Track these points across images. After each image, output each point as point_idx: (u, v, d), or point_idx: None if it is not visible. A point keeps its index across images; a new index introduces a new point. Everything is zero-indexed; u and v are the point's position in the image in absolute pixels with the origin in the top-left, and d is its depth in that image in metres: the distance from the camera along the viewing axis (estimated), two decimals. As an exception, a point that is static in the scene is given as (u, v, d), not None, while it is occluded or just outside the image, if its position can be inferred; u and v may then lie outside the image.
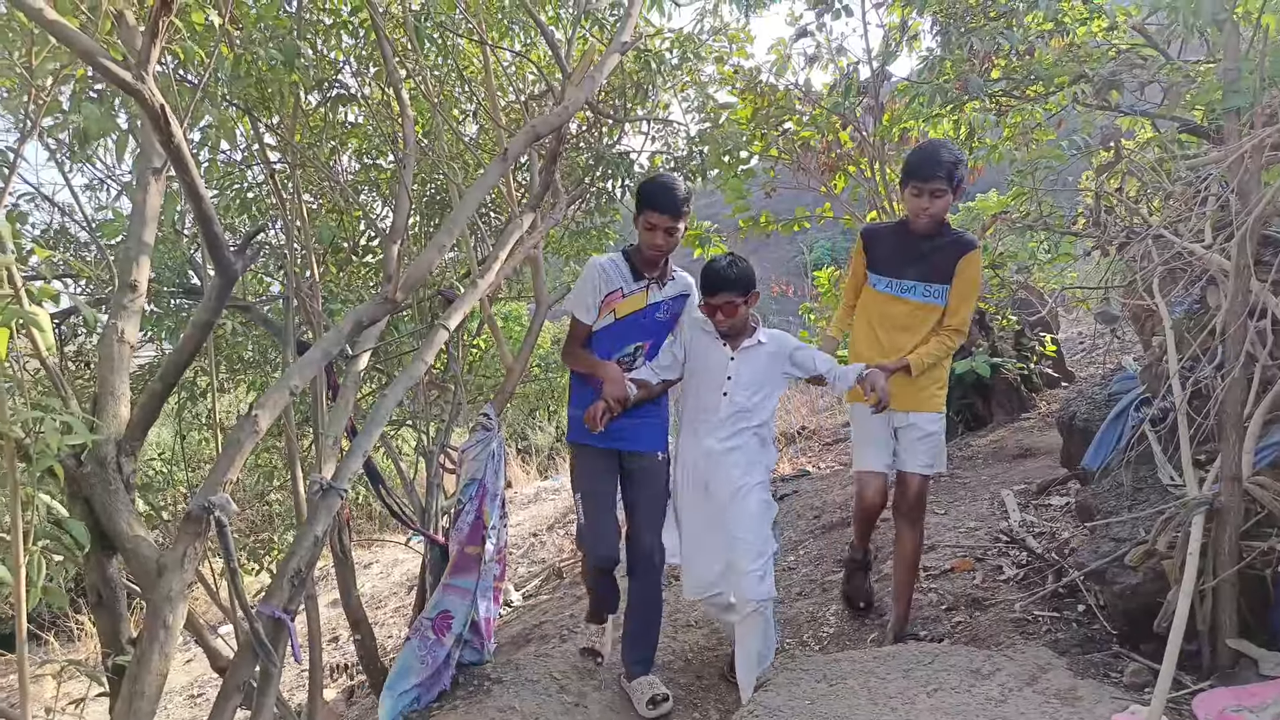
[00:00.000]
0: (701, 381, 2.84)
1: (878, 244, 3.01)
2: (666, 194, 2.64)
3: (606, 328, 2.79)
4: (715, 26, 4.96)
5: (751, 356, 2.78)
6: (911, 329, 2.91)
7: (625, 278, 2.77)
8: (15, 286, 1.68)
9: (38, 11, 1.34)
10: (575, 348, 2.83)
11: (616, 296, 2.77)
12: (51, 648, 6.11)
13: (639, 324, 2.80)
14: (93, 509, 1.80)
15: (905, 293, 2.92)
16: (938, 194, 2.73)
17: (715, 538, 2.77)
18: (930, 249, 2.86)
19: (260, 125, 3.08)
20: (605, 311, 2.78)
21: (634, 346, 2.82)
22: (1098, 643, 2.53)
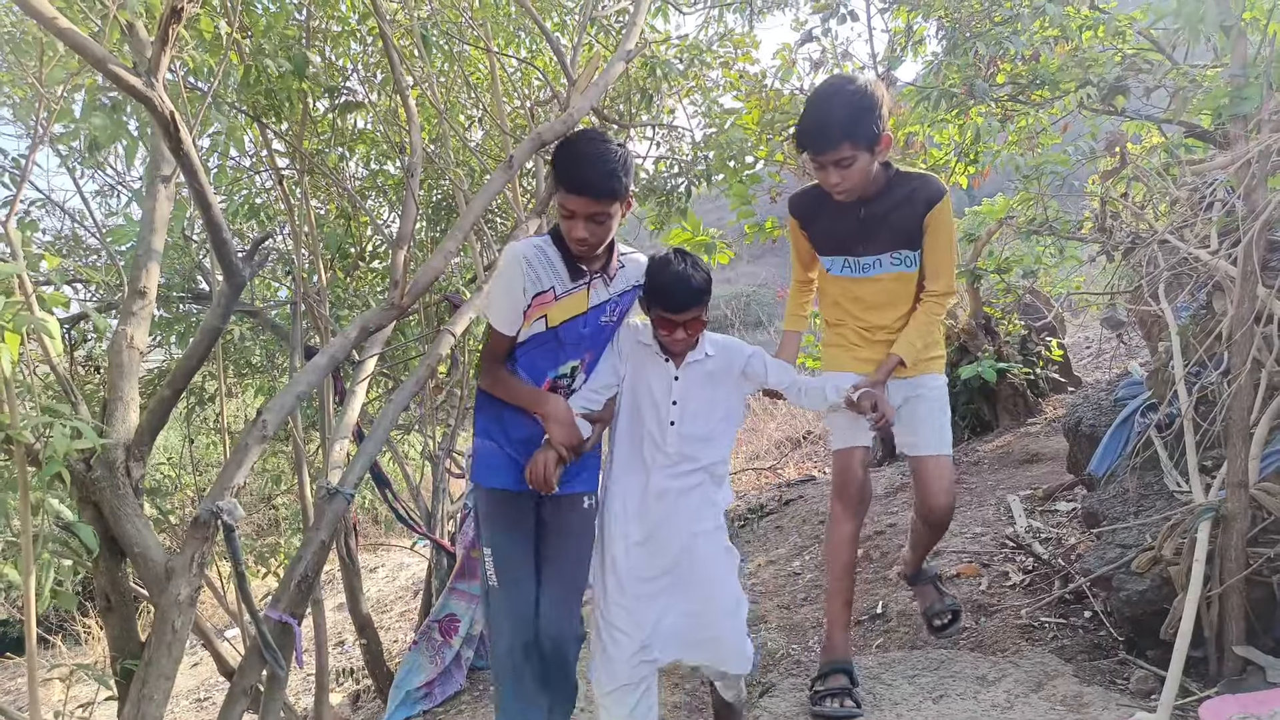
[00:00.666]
0: (642, 406, 2.18)
1: (813, 219, 2.45)
2: (588, 167, 1.83)
3: (536, 339, 2.00)
4: (720, 32, 4.98)
5: (699, 374, 2.18)
6: (892, 304, 2.44)
7: (558, 275, 1.97)
8: (26, 293, 1.70)
9: (50, 20, 1.36)
10: (497, 369, 2.04)
11: (548, 299, 1.97)
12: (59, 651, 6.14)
13: (578, 334, 2.03)
14: (102, 514, 1.81)
15: (867, 271, 2.41)
16: (844, 162, 2.16)
17: (658, 601, 2.15)
18: (882, 211, 2.32)
19: (269, 132, 3.11)
20: (533, 317, 1.98)
21: (571, 365, 2.07)
22: (1104, 649, 2.52)
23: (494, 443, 2.06)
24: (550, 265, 1.97)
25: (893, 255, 2.38)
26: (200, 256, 3.52)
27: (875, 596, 3.38)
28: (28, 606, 1.51)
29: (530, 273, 1.95)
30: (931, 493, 2.47)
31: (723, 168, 4.62)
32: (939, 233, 2.34)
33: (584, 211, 1.85)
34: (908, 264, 2.39)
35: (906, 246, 2.36)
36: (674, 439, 2.14)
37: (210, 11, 2.48)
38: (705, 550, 2.16)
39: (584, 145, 1.90)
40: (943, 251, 2.38)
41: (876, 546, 3.90)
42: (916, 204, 2.31)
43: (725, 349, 2.23)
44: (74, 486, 1.80)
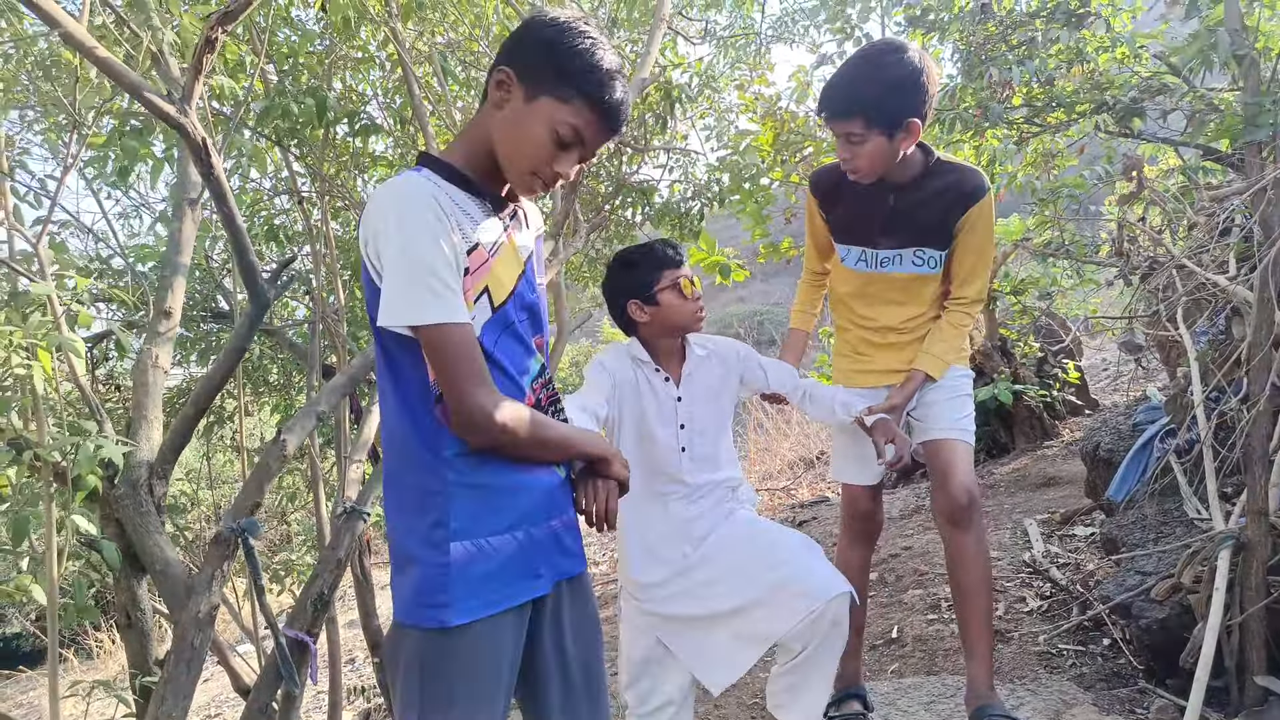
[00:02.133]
0: (643, 438, 1.91)
1: (834, 201, 2.16)
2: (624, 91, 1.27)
3: (486, 332, 1.26)
4: (733, 59, 5.03)
5: (701, 389, 1.95)
6: (903, 304, 2.18)
7: (475, 220, 1.25)
8: (55, 313, 1.74)
9: (90, 49, 1.40)
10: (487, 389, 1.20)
11: (481, 260, 1.24)
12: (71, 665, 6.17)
13: (530, 301, 1.36)
14: (124, 530, 1.84)
15: (884, 266, 2.13)
16: (854, 139, 1.90)
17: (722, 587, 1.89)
18: (913, 203, 2.04)
19: (290, 155, 3.16)
20: (471, 295, 1.23)
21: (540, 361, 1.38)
22: (1124, 678, 2.49)
23: (489, 539, 1.24)
24: (461, 209, 1.24)
25: (916, 253, 2.09)
26: (221, 277, 3.57)
27: (890, 621, 3.36)
28: (51, 622, 1.53)
29: (448, 221, 1.19)
30: (948, 476, 2.11)
31: (738, 189, 4.65)
32: (975, 233, 2.06)
33: (597, 145, 1.29)
34: (931, 265, 2.11)
35: (934, 245, 2.08)
36: (689, 466, 1.92)
37: (234, 37, 2.54)
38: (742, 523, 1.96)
39: (609, 50, 1.26)
40: (977, 254, 2.10)
41: (891, 570, 3.87)
42: (953, 198, 2.02)
43: (717, 348, 2.03)
44: (97, 503, 1.83)
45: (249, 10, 1.44)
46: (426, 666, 1.20)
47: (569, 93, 1.21)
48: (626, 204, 4.02)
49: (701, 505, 1.94)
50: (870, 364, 2.26)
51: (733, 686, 2.64)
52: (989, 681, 2.12)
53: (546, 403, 1.35)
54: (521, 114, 1.23)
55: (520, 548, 1.27)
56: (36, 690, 6.54)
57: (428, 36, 3.24)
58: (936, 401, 2.18)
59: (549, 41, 1.22)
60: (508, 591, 1.25)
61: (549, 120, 1.22)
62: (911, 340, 2.22)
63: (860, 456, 2.25)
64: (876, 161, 1.93)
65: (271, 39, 2.83)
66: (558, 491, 1.33)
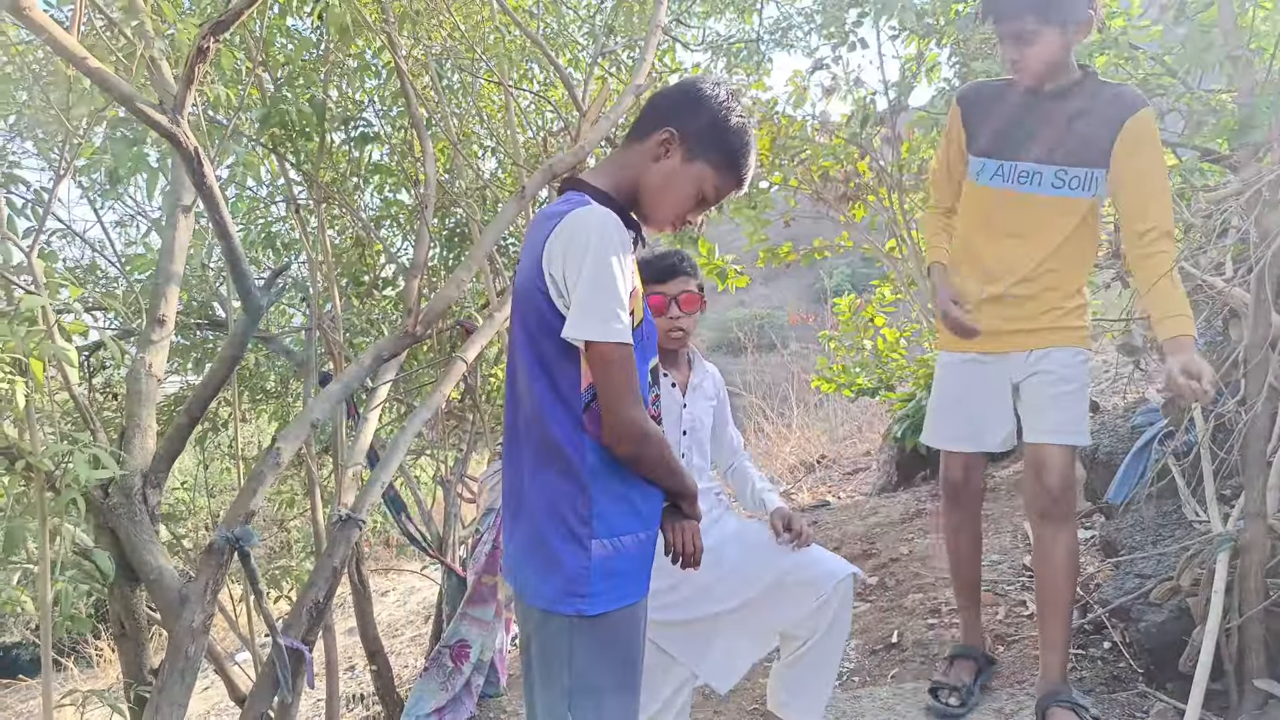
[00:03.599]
0: None
1: (983, 110, 2.03)
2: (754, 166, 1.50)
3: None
4: (731, 63, 5.04)
5: (700, 395, 2.00)
6: (1035, 236, 1.98)
7: (626, 242, 1.41)
8: (49, 323, 1.73)
9: (81, 60, 1.40)
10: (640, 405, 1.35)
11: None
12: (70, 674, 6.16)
13: (649, 327, 1.52)
14: (118, 540, 1.83)
15: (1022, 183, 1.96)
16: (1027, 37, 1.83)
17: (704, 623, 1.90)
18: (1067, 113, 1.91)
19: (286, 163, 3.17)
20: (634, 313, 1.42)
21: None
22: (1123, 681, 2.47)
23: (635, 535, 1.40)
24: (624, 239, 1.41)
25: (1059, 171, 1.92)
26: (216, 284, 3.57)
27: (890, 625, 3.35)
28: (44, 632, 1.52)
29: (626, 253, 1.37)
30: (1040, 472, 2.07)
31: (734, 193, 4.64)
32: (1139, 154, 1.87)
33: (729, 195, 1.49)
34: (1075, 187, 1.92)
35: (1082, 163, 1.91)
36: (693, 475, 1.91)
37: (229, 45, 2.54)
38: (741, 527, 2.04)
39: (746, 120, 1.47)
40: (1151, 178, 1.89)
41: (891, 574, 3.86)
42: (1110, 112, 1.88)
43: (715, 377, 2.12)
44: (91, 513, 1.82)
45: (241, 19, 1.44)
46: (576, 651, 1.35)
47: (723, 165, 1.43)
48: (623, 209, 4.02)
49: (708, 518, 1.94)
50: (974, 320, 2.08)
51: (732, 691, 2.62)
52: (1062, 671, 2.11)
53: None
54: (678, 172, 1.42)
55: (642, 548, 1.42)
56: (36, 699, 6.52)
57: (424, 44, 3.25)
58: (1041, 396, 2.04)
59: (714, 118, 1.42)
60: (634, 587, 1.40)
61: (700, 182, 1.43)
62: (1024, 298, 2.02)
63: (958, 422, 2.17)
64: (1048, 59, 1.85)
65: (268, 48, 2.83)
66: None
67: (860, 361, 5.83)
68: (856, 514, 5.10)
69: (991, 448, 2.21)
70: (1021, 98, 1.98)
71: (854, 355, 5.94)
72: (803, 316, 8.84)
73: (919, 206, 5.06)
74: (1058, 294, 2.03)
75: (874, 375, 5.63)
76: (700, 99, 1.43)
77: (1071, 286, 2.05)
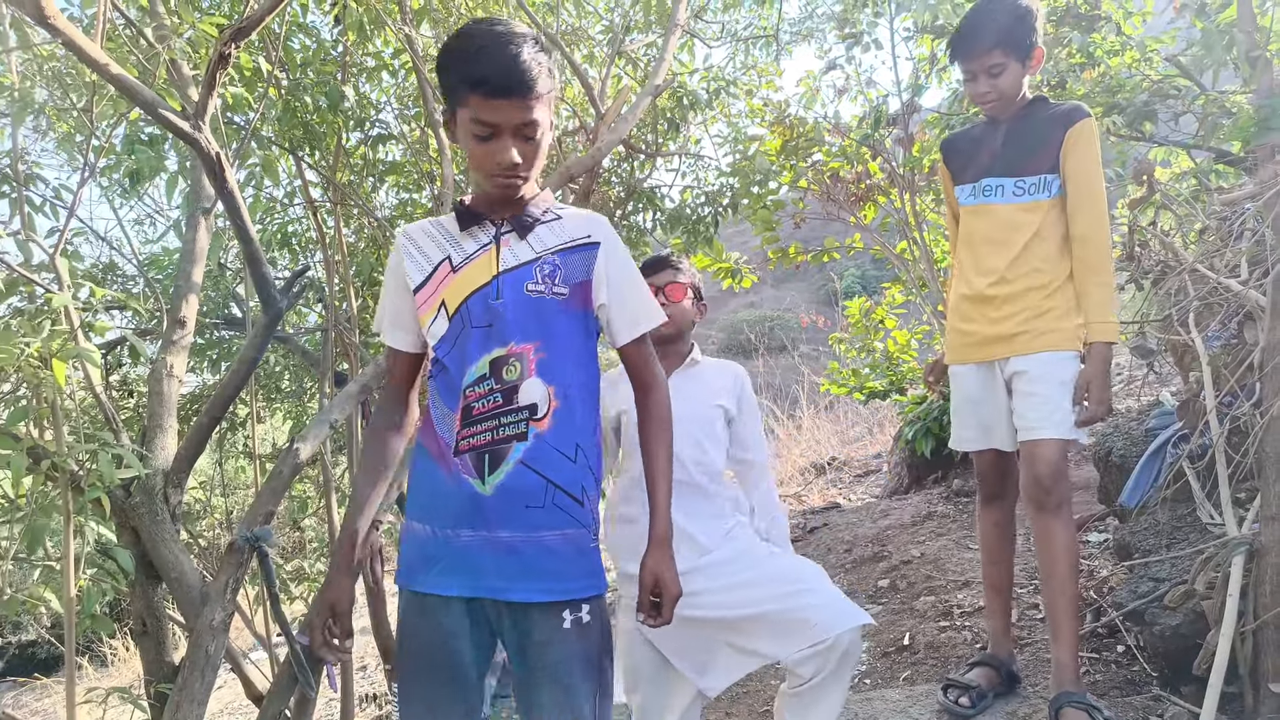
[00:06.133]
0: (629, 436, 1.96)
1: (958, 150, 2.36)
2: (506, 55, 1.26)
3: (445, 343, 1.39)
4: (746, 63, 5.04)
5: (686, 388, 1.93)
6: (1006, 242, 2.18)
7: (452, 239, 1.41)
8: (72, 324, 1.76)
9: (103, 66, 1.42)
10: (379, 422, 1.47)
11: (443, 275, 1.39)
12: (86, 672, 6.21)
13: (491, 309, 1.36)
14: (139, 539, 1.86)
15: (988, 196, 2.22)
16: (995, 69, 2.13)
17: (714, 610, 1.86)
18: (1020, 131, 2.20)
19: (303, 163, 3.19)
20: (430, 309, 1.39)
21: (494, 355, 1.35)
22: (1138, 685, 2.47)
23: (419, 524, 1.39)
24: (443, 232, 1.42)
25: (1018, 181, 2.18)
26: (234, 284, 3.60)
27: (902, 628, 3.35)
28: (68, 629, 1.55)
29: (410, 248, 1.40)
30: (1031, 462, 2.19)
31: (746, 193, 4.65)
32: (1077, 157, 2.11)
33: (512, 121, 1.29)
34: (1033, 192, 2.16)
35: (1036, 171, 2.16)
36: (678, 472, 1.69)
37: (249, 47, 2.57)
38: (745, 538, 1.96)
39: (487, 32, 1.29)
40: (1082, 180, 2.11)
41: (903, 576, 3.86)
42: (1054, 121, 2.14)
43: (724, 368, 2.07)
44: (113, 512, 1.84)
45: (261, 26, 1.46)
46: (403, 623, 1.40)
47: (460, 94, 1.30)
48: (638, 210, 4.03)
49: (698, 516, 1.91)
50: (971, 333, 2.28)
51: (744, 694, 2.61)
52: (1075, 669, 2.14)
53: (481, 414, 1.33)
54: (459, 131, 1.34)
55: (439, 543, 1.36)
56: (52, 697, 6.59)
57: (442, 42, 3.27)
58: (1023, 397, 2.18)
59: (438, 67, 1.33)
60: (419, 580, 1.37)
61: (466, 124, 1.31)
62: (1004, 298, 2.20)
63: (974, 423, 2.31)
64: (1014, 88, 2.15)
65: (285, 48, 2.86)
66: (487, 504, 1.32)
67: (871, 364, 5.82)
68: (868, 516, 5.09)
69: (1002, 445, 2.30)
70: (988, 128, 2.26)
71: (864, 358, 5.93)
72: (814, 317, 8.81)
73: (930, 208, 5.05)
74: (1040, 293, 2.15)
75: (885, 378, 5.61)
76: (440, 60, 1.34)
77: (1051, 282, 2.15)
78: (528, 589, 1.32)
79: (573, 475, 1.36)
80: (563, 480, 1.35)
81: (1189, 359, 2.80)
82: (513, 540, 1.32)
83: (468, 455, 1.32)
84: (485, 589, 1.33)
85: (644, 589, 1.44)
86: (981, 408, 2.29)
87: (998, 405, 2.27)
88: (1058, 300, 2.16)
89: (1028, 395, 2.17)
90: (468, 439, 1.32)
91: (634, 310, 1.46)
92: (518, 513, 1.32)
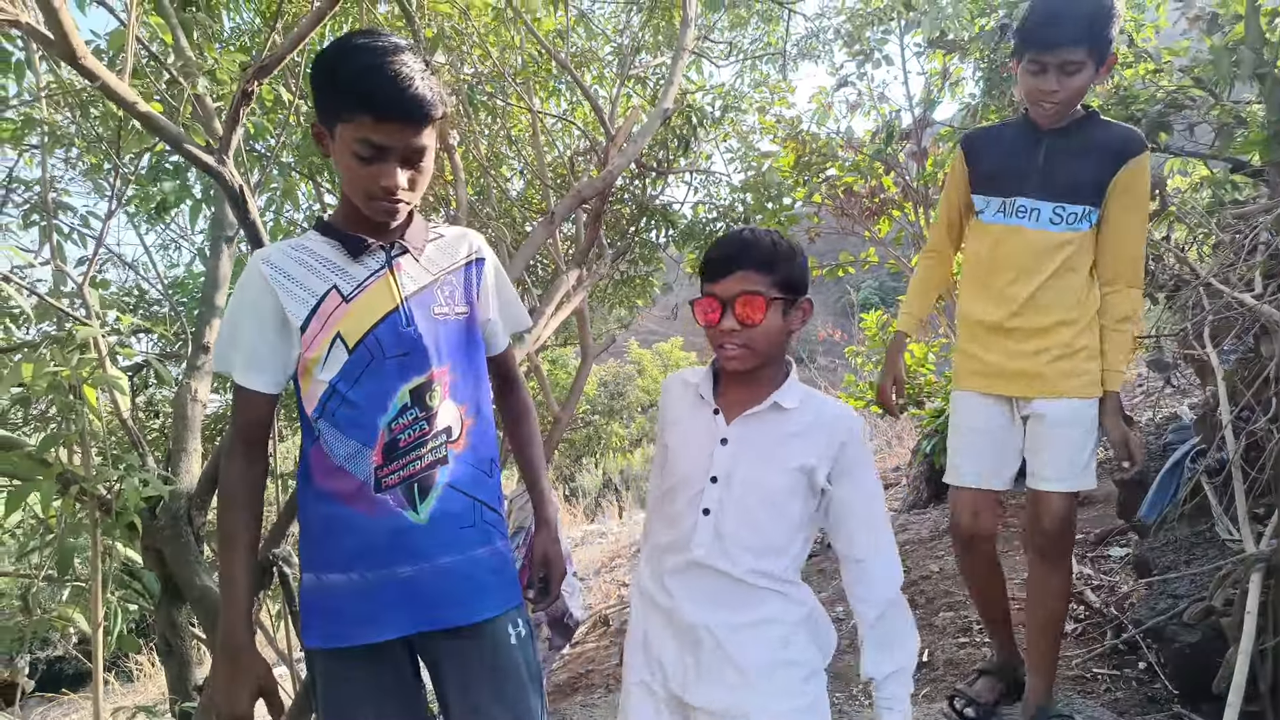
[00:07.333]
0: (674, 481, 1.39)
1: (986, 150, 2.06)
2: (397, 77, 1.18)
3: (348, 374, 1.28)
4: (756, 80, 5.08)
5: (761, 435, 1.34)
6: (1031, 269, 1.96)
7: (337, 268, 1.30)
8: (100, 352, 1.81)
9: (132, 104, 1.48)
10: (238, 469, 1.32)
11: (332, 307, 1.28)
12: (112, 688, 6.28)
13: (403, 337, 1.30)
14: (164, 560, 1.90)
15: (1022, 217, 1.97)
16: (1071, 68, 1.83)
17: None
18: (1067, 152, 1.92)
19: (321, 188, 3.26)
20: (320, 344, 1.27)
21: (409, 388, 1.30)
22: (1159, 703, 2.44)
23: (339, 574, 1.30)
24: (317, 259, 1.29)
25: (1056, 209, 1.93)
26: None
27: (921, 644, 3.33)
28: (95, 649, 1.59)
29: (282, 279, 1.26)
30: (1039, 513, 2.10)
31: (760, 209, 4.69)
32: (1130, 191, 1.88)
33: (401, 145, 1.22)
34: (1072, 222, 1.93)
35: (1078, 200, 1.91)
36: (706, 538, 1.33)
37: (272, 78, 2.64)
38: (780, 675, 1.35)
39: (378, 47, 1.20)
40: (1130, 219, 1.90)
41: (921, 592, 3.84)
42: (1109, 151, 1.88)
43: (820, 408, 1.37)
44: (139, 534, 1.89)
45: (283, 64, 1.51)
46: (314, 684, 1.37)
47: (344, 110, 1.21)
48: (650, 227, 4.07)
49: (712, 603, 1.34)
50: (988, 363, 2.07)
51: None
52: (1048, 692, 2.15)
53: (408, 444, 1.29)
54: (336, 152, 1.25)
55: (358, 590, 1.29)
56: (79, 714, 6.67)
57: (454, 69, 3.33)
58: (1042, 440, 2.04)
59: (319, 80, 1.24)
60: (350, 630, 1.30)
61: (347, 143, 1.22)
62: (1029, 332, 2.00)
63: (979, 457, 2.08)
64: (1081, 94, 1.88)
65: (303, 75, 2.93)
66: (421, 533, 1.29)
67: (888, 377, 5.79)
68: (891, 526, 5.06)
69: (1001, 487, 2.16)
70: (1024, 136, 1.99)
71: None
72: (830, 331, 8.81)
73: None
74: (1069, 330, 1.97)
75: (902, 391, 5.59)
76: (320, 70, 1.23)
77: (1080, 319, 1.98)
78: (477, 608, 1.31)
79: (492, 490, 1.38)
80: (486, 496, 1.36)
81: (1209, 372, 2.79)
82: (452, 564, 1.30)
83: (397, 488, 1.27)
84: (429, 621, 1.30)
85: (534, 566, 1.43)
86: (991, 445, 2.11)
87: (1010, 445, 2.10)
88: (1086, 340, 1.99)
89: (1047, 444, 2.02)
90: (395, 471, 1.27)
91: (514, 318, 1.53)
92: (453, 535, 1.31)
